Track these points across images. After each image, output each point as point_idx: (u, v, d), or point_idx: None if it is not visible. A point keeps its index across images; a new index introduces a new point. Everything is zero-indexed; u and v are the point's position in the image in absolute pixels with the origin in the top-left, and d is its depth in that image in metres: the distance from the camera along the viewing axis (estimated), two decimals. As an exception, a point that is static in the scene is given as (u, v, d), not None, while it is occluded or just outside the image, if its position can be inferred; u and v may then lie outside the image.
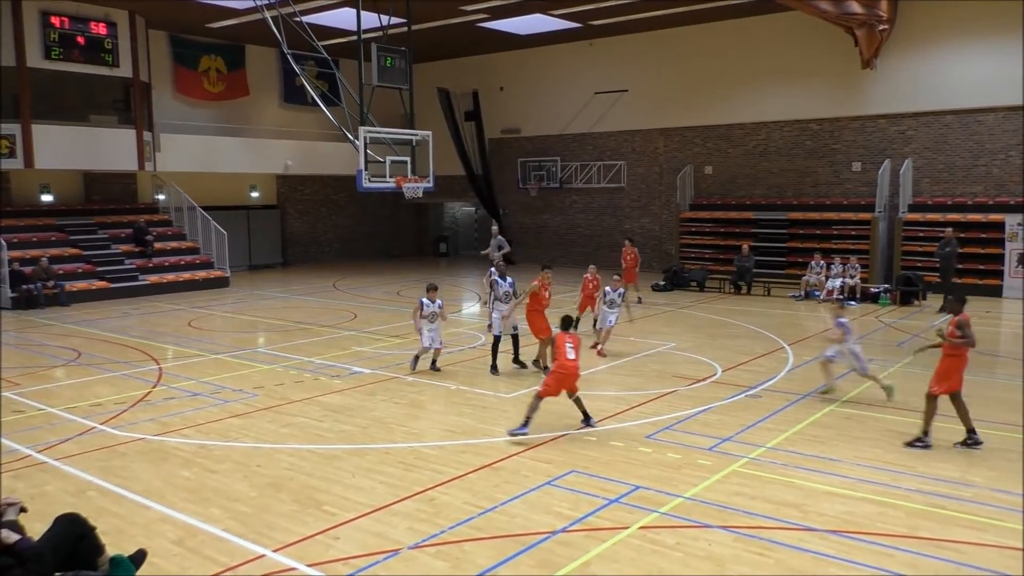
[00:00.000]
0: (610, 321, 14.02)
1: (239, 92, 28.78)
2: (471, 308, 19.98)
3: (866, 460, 8.30)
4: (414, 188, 20.83)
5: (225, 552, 6.27)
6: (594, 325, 14.71)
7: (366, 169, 19.45)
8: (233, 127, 27.85)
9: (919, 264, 20.77)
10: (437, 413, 10.31)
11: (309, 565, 6.02)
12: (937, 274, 19.60)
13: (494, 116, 31.07)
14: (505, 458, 8.42)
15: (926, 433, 8.75)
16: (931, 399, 8.80)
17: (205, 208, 25.68)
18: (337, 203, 32.93)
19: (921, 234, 21.36)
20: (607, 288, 14.19)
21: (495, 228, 22.79)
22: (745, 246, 22.69)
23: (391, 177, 20.10)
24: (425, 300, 12.31)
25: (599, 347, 13.94)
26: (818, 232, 23.23)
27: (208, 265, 24.88)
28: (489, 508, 7.08)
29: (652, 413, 10.15)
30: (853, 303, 19.88)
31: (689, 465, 8.15)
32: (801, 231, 23.70)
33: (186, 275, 23.86)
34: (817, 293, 20.86)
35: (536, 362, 12.58)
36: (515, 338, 12.78)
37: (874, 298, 20.09)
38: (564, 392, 9.32)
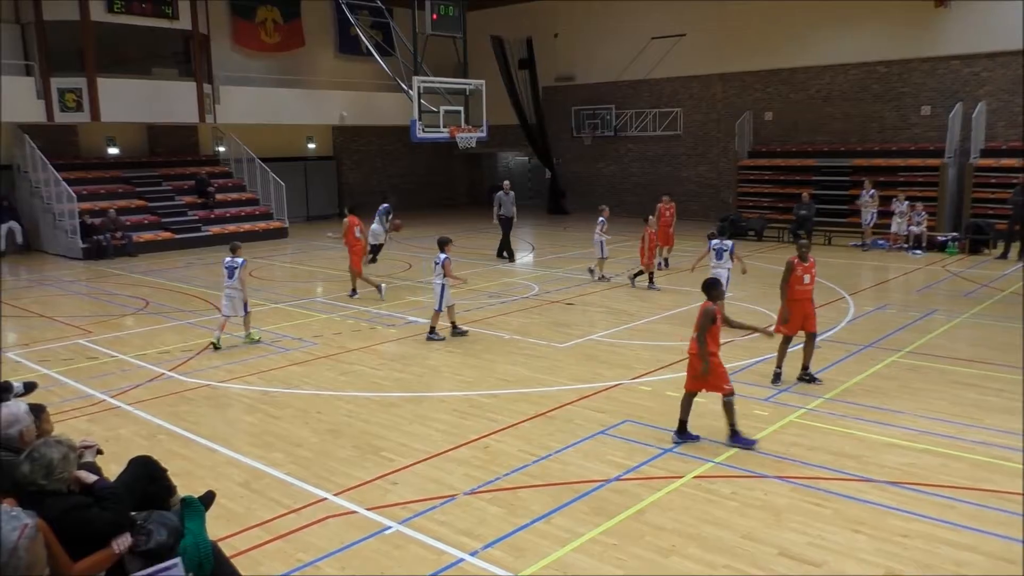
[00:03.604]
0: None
1: (295, 43, 28.82)
2: (525, 258, 19.94)
3: (929, 412, 8.10)
4: (467, 138, 20.72)
5: (288, 495, 6.46)
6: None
7: (420, 119, 19.39)
8: (289, 78, 27.97)
9: (990, 211, 19.90)
10: (491, 362, 10.37)
11: (368, 509, 6.17)
12: (1007, 222, 18.73)
13: (548, 64, 30.53)
14: (559, 407, 8.46)
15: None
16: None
17: (263, 160, 26.00)
18: (392, 154, 33.00)
19: (993, 180, 20.41)
20: (712, 242, 12.47)
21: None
22: (805, 193, 22.02)
23: (445, 127, 20.00)
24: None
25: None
26: (883, 179, 22.38)
27: (267, 216, 25.29)
28: (543, 456, 7.13)
29: (708, 363, 10.02)
30: (919, 252, 19.24)
31: (745, 415, 8.05)
32: (865, 178, 22.85)
33: (246, 226, 24.31)
34: (882, 242, 20.23)
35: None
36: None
37: (941, 247, 19.39)
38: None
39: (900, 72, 23.41)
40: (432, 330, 11.62)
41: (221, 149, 27.36)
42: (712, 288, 7.58)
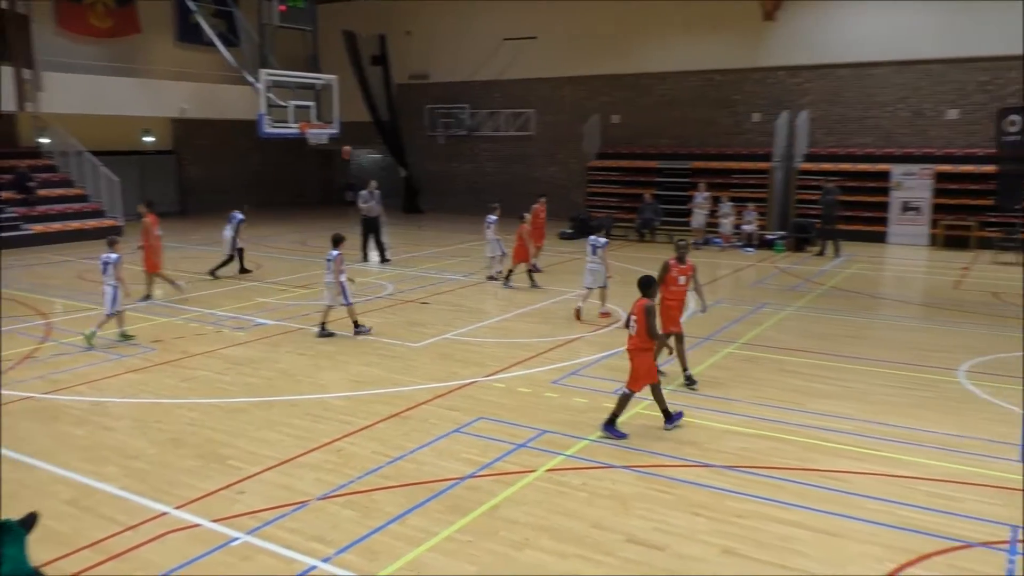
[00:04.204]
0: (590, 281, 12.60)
1: (129, 29, 26.99)
2: (377, 257, 19.65)
3: (761, 399, 8.68)
4: (318, 134, 20.26)
5: (123, 511, 6.05)
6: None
7: (268, 114, 18.76)
8: (124, 67, 26.15)
9: (812, 212, 21.59)
10: (344, 364, 10.17)
11: (213, 520, 5.88)
12: (820, 221, 20.44)
13: (401, 61, 30.28)
14: (413, 407, 8.41)
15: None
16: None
17: (94, 153, 24.22)
18: (238, 149, 31.59)
19: (814, 183, 22.14)
20: (590, 237, 12.75)
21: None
22: (647, 194, 23.07)
23: (294, 122, 19.45)
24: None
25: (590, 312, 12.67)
26: (719, 181, 23.76)
27: (98, 213, 23.57)
28: (398, 457, 7.07)
29: (558, 359, 10.29)
30: (751, 249, 20.59)
31: (594, 408, 8.32)
32: (703, 180, 24.12)
33: (74, 224, 22.54)
34: (717, 241, 21.47)
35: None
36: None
37: (770, 245, 20.83)
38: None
39: (734, 81, 24.97)
40: (357, 324, 11.52)
41: (44, 140, 25.22)
42: (649, 286, 7.75)
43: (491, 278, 15.97)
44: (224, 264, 16.45)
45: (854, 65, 23.01)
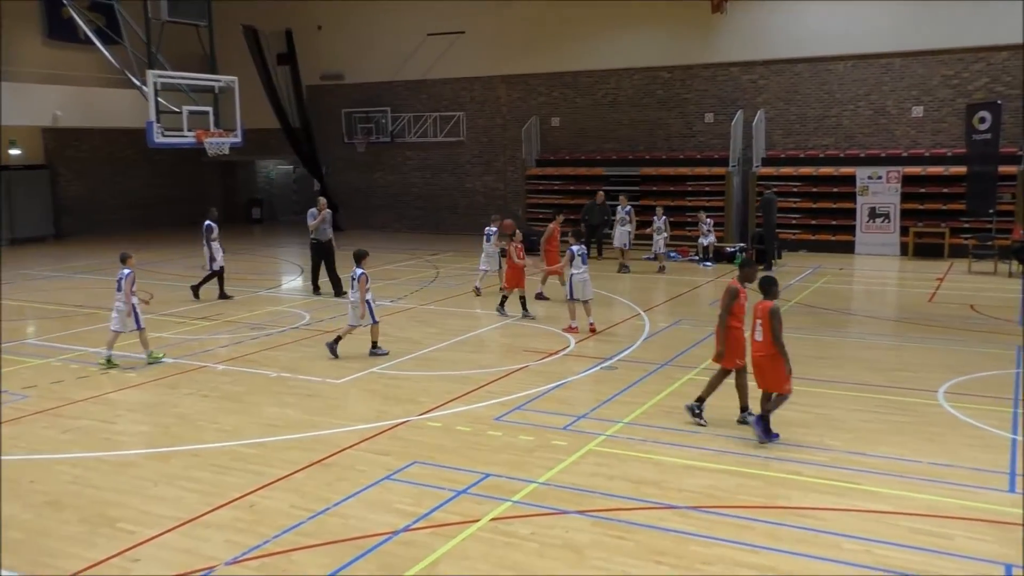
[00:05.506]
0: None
1: (-14, 25, 26.25)
2: (293, 283, 19.42)
3: (725, 431, 8.81)
4: (218, 143, 19.93)
5: (-6, 589, 5.80)
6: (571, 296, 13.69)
7: (158, 121, 18.41)
8: (-18, 68, 25.41)
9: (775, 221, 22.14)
10: (255, 405, 9.98)
11: (103, 595, 5.69)
12: (762, 229, 21.00)
13: (312, 60, 30.15)
14: (337, 452, 8.30)
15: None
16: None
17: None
18: (124, 161, 30.95)
19: (776, 189, 22.74)
20: (573, 247, 13.46)
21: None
22: (599, 194, 23.02)
23: (190, 131, 19.12)
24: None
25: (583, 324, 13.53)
26: (672, 188, 24.17)
27: (-42, 239, 22.75)
28: (320, 511, 6.95)
29: (501, 392, 10.29)
30: (709, 264, 20.97)
31: (543, 447, 8.34)
32: (654, 188, 24.50)
33: (-71, 252, 21.67)
34: (674, 255, 21.79)
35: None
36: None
37: (730, 258, 21.23)
38: None
39: (683, 78, 25.56)
40: (375, 344, 12.14)
41: None
42: (773, 285, 8.09)
43: (476, 290, 16.96)
44: (217, 279, 17.15)
45: (810, 60, 23.82)
